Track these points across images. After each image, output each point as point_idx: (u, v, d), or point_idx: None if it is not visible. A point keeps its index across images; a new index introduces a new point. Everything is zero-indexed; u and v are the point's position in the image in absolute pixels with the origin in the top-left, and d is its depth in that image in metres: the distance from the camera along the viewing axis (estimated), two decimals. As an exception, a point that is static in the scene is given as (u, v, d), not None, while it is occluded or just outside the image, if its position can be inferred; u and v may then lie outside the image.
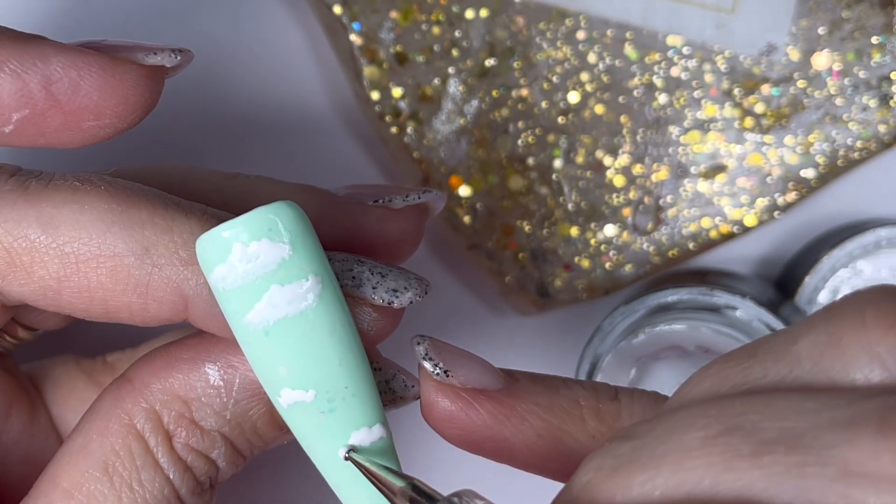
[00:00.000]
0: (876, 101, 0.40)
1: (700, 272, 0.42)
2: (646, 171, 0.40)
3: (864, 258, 0.40)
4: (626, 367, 0.37)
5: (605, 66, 0.40)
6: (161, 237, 0.27)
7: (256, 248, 0.25)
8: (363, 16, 0.40)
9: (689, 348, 0.37)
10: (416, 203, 0.31)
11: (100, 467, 0.27)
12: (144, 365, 0.28)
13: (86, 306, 0.27)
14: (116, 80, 0.28)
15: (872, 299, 0.23)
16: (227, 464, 0.29)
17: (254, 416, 0.28)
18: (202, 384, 0.28)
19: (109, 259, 0.27)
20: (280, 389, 0.26)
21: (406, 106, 0.40)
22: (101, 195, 0.27)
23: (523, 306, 0.41)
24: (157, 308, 0.27)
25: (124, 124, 0.28)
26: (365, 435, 0.27)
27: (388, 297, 0.28)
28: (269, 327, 0.26)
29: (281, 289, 0.26)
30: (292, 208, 0.26)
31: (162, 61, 0.28)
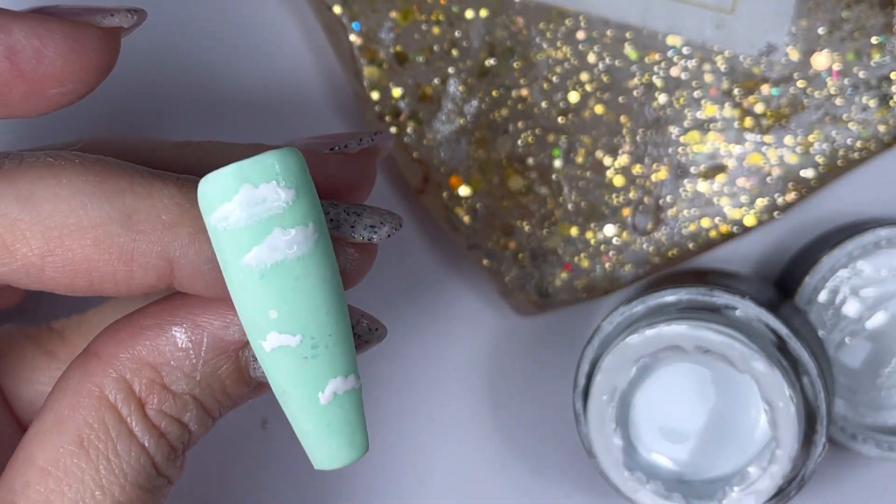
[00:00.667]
0: (876, 101, 0.40)
1: (700, 272, 0.42)
2: (645, 171, 0.40)
3: (863, 258, 0.40)
4: (626, 366, 0.37)
5: (605, 66, 0.40)
6: (142, 203, 0.27)
7: (264, 191, 0.26)
8: (363, 16, 0.40)
9: (688, 348, 0.37)
10: (369, 146, 0.33)
11: (75, 441, 0.28)
12: (108, 336, 0.28)
13: (69, 280, 0.27)
14: (79, 45, 0.27)
15: None
16: (199, 426, 0.29)
17: (223, 375, 0.28)
18: (170, 348, 0.28)
19: (93, 229, 0.26)
20: (267, 333, 0.27)
21: (406, 106, 0.40)
22: (76, 168, 0.27)
23: (523, 306, 0.41)
24: (142, 275, 0.27)
25: (86, 88, 0.28)
26: (341, 383, 0.28)
27: (367, 233, 0.29)
28: (266, 270, 0.26)
29: (283, 233, 0.26)
30: (297, 154, 0.26)
31: (120, 22, 0.29)
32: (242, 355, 0.29)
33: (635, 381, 0.38)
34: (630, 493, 0.38)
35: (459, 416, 0.43)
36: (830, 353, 0.41)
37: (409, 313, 0.43)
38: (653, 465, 0.39)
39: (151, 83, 0.41)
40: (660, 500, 0.38)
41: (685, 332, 0.37)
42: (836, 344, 0.41)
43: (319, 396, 0.27)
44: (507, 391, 0.43)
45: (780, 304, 0.40)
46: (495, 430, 0.43)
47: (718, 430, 0.38)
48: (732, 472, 0.38)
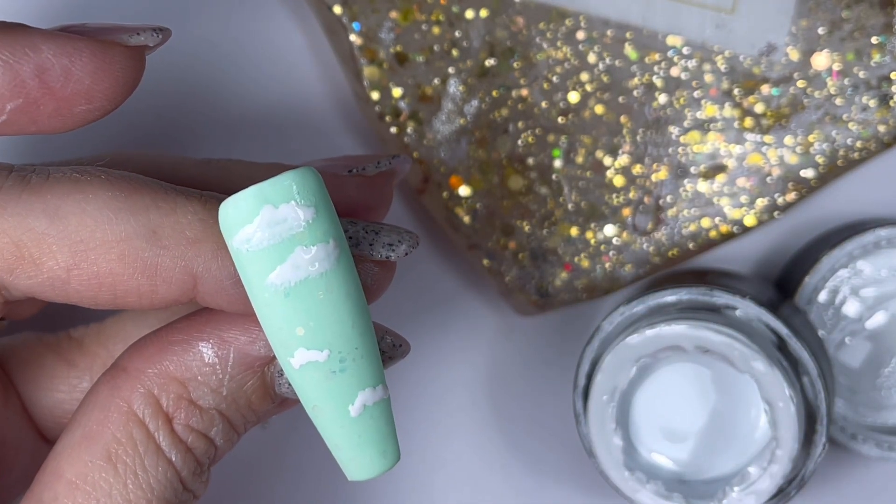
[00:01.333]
0: (876, 101, 0.40)
1: (700, 272, 0.42)
2: (645, 171, 0.40)
3: (863, 258, 0.40)
4: (626, 366, 0.37)
5: (605, 66, 0.40)
6: (167, 219, 0.27)
7: (285, 211, 0.26)
8: (363, 16, 0.40)
9: (688, 348, 0.37)
10: (386, 168, 0.33)
11: (103, 456, 0.28)
12: (137, 352, 0.29)
13: (94, 294, 0.27)
14: (106, 64, 0.28)
15: None
16: (224, 441, 0.29)
17: (248, 390, 0.29)
18: (197, 363, 0.28)
19: (118, 244, 0.27)
20: (294, 350, 0.27)
21: (406, 106, 0.40)
22: (102, 184, 0.27)
23: (523, 306, 0.41)
24: (166, 289, 0.27)
25: (112, 105, 0.29)
26: (370, 394, 0.28)
27: (385, 251, 0.29)
28: (291, 288, 0.27)
29: (305, 251, 0.27)
30: (315, 174, 0.27)
31: (145, 41, 0.29)
32: (268, 371, 0.29)
33: (635, 381, 0.38)
34: (630, 493, 0.38)
35: (459, 415, 0.43)
36: (830, 353, 0.41)
37: (409, 313, 0.43)
38: (653, 465, 0.39)
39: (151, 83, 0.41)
40: (660, 500, 0.38)
41: (685, 332, 0.37)
42: (836, 344, 0.41)
43: (350, 409, 0.28)
44: (508, 391, 0.43)
45: (781, 304, 0.40)
46: (495, 430, 0.43)
47: (718, 430, 0.38)
48: (732, 472, 0.38)
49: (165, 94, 0.41)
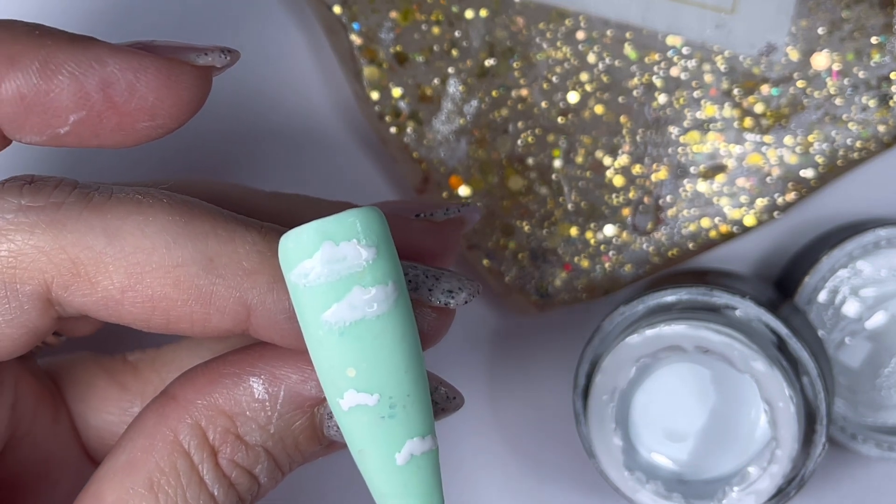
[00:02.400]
0: (875, 101, 0.40)
1: (699, 272, 0.42)
2: (645, 171, 0.40)
3: (863, 258, 0.40)
4: (626, 366, 0.37)
5: (605, 66, 0.40)
6: (224, 247, 0.27)
7: (346, 249, 0.26)
8: (363, 16, 0.40)
9: (688, 348, 0.37)
10: (455, 216, 0.33)
11: (145, 484, 0.28)
12: (188, 382, 0.29)
13: (147, 317, 0.27)
14: (172, 82, 0.28)
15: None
16: (268, 479, 0.29)
17: (296, 430, 0.28)
18: (247, 398, 0.28)
19: (174, 269, 0.27)
20: (344, 391, 0.27)
21: (406, 106, 0.40)
22: (164, 207, 0.27)
23: (523, 306, 0.41)
24: (219, 318, 0.27)
25: (176, 123, 0.28)
26: (419, 444, 0.27)
27: (444, 298, 0.29)
28: (345, 328, 0.26)
29: (363, 291, 0.26)
30: (379, 214, 0.26)
31: (213, 62, 0.29)
32: (318, 412, 0.28)
33: (635, 381, 0.38)
34: (630, 493, 0.38)
35: (459, 415, 0.43)
36: (830, 353, 0.41)
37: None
38: (653, 465, 0.39)
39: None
40: (660, 500, 0.38)
41: (685, 332, 0.37)
42: (835, 344, 0.41)
43: (396, 457, 0.27)
44: (507, 391, 0.43)
45: (780, 304, 0.40)
46: (495, 430, 0.43)
47: (718, 430, 0.38)
48: (732, 472, 0.38)
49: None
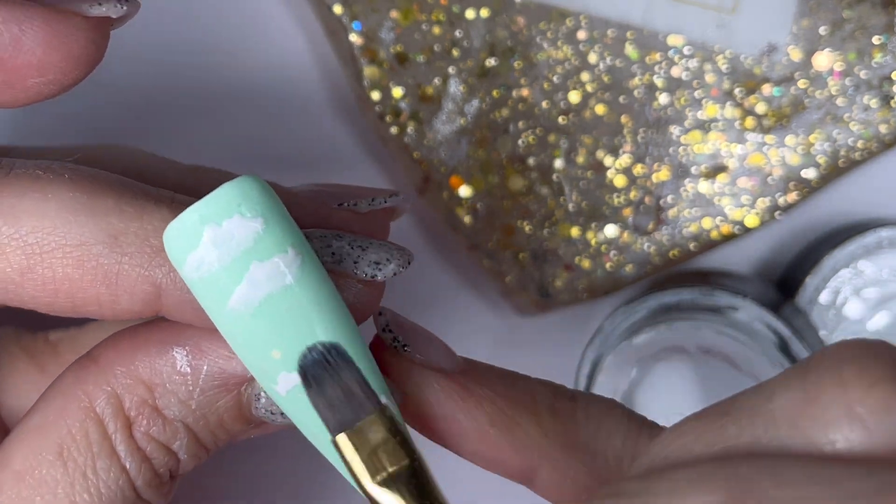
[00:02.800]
0: (877, 101, 0.40)
1: (701, 272, 0.42)
2: (646, 172, 0.40)
3: (865, 258, 0.40)
4: (627, 367, 0.37)
5: (606, 66, 0.40)
6: (130, 224, 0.25)
7: (229, 227, 0.24)
8: (363, 16, 0.40)
9: (689, 349, 0.37)
10: (381, 207, 0.30)
11: (54, 450, 0.26)
12: (111, 344, 0.27)
13: (51, 300, 0.26)
14: (61, 34, 0.26)
15: (850, 356, 0.23)
16: (189, 456, 0.27)
17: (220, 408, 0.27)
18: (168, 369, 0.26)
19: (76, 248, 0.25)
20: (276, 375, 0.25)
21: (406, 106, 0.40)
22: (64, 183, 0.25)
23: (524, 307, 0.41)
24: (127, 300, 0.26)
25: (69, 80, 0.27)
26: None
27: (370, 270, 0.27)
28: (256, 308, 0.24)
29: (261, 265, 0.24)
30: (257, 181, 0.25)
31: (107, 12, 0.27)
32: (245, 392, 0.27)
33: (636, 382, 0.38)
34: (631, 494, 0.38)
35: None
36: (832, 354, 0.41)
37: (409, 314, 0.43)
38: (654, 465, 0.39)
39: (150, 82, 0.41)
40: (661, 501, 0.38)
41: (686, 332, 0.37)
42: (837, 344, 0.41)
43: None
44: (508, 392, 0.43)
45: (782, 304, 0.39)
46: (496, 431, 0.43)
47: (720, 431, 0.38)
48: (734, 473, 0.38)
49: (165, 93, 0.41)
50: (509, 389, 0.28)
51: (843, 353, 0.23)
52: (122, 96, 0.41)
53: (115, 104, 0.41)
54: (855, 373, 0.22)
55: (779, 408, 0.23)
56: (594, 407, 0.28)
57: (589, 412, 0.28)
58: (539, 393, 0.28)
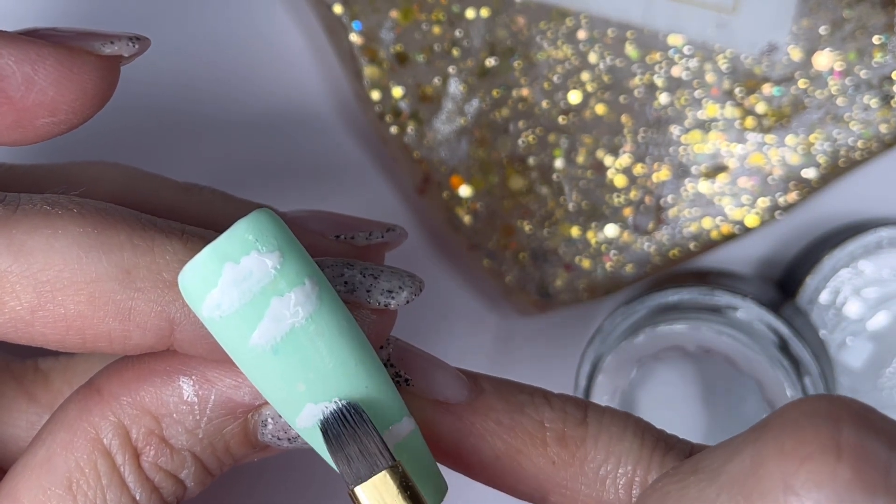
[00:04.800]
0: (877, 100, 0.40)
1: (701, 272, 0.42)
2: (647, 171, 0.40)
3: (865, 258, 0.40)
4: (627, 367, 0.37)
5: (606, 65, 0.40)
6: (142, 259, 0.25)
7: (248, 264, 0.24)
8: (363, 15, 0.40)
9: (690, 349, 0.37)
10: (377, 242, 0.30)
11: (63, 484, 0.26)
12: (115, 374, 0.27)
13: (60, 337, 0.25)
14: (73, 74, 0.26)
15: (795, 423, 0.23)
16: (195, 484, 0.27)
17: (227, 436, 0.27)
18: (175, 399, 0.26)
19: (88, 285, 0.25)
20: (301, 408, 0.25)
21: (406, 106, 0.40)
22: (74, 218, 0.25)
23: (524, 306, 0.41)
24: (140, 335, 0.25)
25: (79, 119, 0.26)
26: (396, 431, 0.26)
27: (384, 298, 0.27)
28: (278, 344, 0.24)
29: (281, 300, 0.24)
30: (271, 215, 0.25)
31: (119, 50, 0.27)
32: (251, 419, 0.27)
33: (637, 382, 0.38)
34: (631, 493, 0.38)
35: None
36: (832, 354, 0.41)
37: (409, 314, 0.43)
38: (654, 465, 0.39)
39: (150, 82, 0.41)
40: (661, 500, 0.38)
41: (687, 332, 0.37)
42: (837, 344, 0.41)
43: None
44: (508, 392, 0.43)
45: (782, 304, 0.39)
46: (496, 431, 0.43)
47: (720, 431, 0.38)
48: (734, 473, 0.38)
49: (165, 93, 0.41)
50: (516, 419, 0.28)
51: (792, 418, 0.23)
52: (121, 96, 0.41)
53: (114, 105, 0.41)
54: (794, 443, 0.22)
55: (730, 475, 0.23)
56: (605, 432, 0.28)
57: (599, 438, 0.28)
58: (548, 419, 0.28)
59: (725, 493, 0.23)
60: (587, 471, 0.27)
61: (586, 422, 0.28)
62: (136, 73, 0.41)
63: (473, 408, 0.28)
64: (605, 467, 0.27)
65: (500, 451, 0.27)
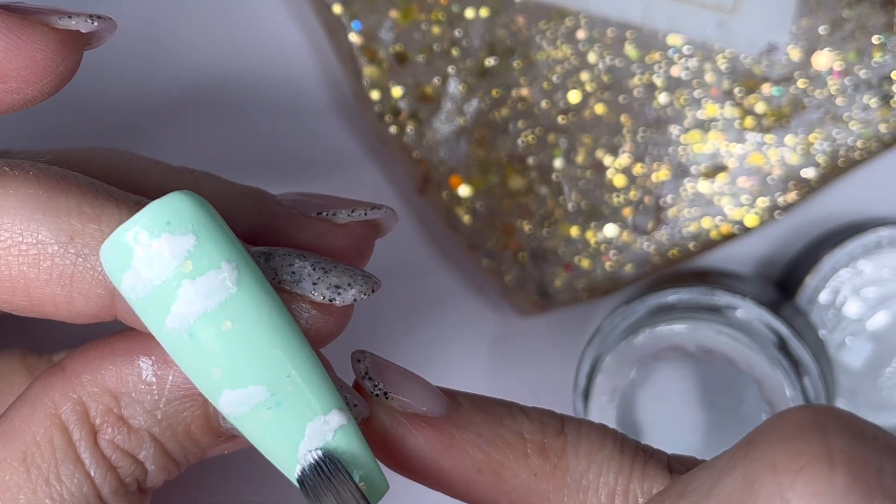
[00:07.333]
0: (877, 100, 0.40)
1: (701, 272, 0.42)
2: (646, 171, 0.40)
3: (864, 258, 0.40)
4: (627, 367, 0.37)
5: (606, 65, 0.40)
6: (87, 226, 0.25)
7: (158, 246, 0.24)
8: (363, 15, 0.40)
9: (689, 348, 0.37)
10: (361, 219, 0.29)
11: (18, 456, 0.26)
12: (79, 353, 0.27)
13: (8, 297, 0.26)
14: (21, 41, 0.26)
15: (784, 435, 0.23)
16: (158, 467, 0.27)
17: (187, 419, 0.26)
18: (134, 379, 0.26)
19: (31, 247, 0.25)
20: (219, 394, 0.25)
21: (406, 106, 0.40)
22: (28, 181, 0.25)
23: (523, 306, 0.41)
24: (83, 302, 0.25)
25: (34, 91, 0.26)
26: (320, 426, 0.25)
27: (329, 293, 0.26)
28: (192, 328, 0.24)
29: (193, 283, 0.24)
30: (189, 196, 0.24)
31: (76, 26, 0.26)
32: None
33: (636, 382, 0.38)
34: (631, 493, 0.38)
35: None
36: (831, 354, 0.41)
37: (409, 314, 0.43)
38: (653, 465, 0.39)
39: (150, 82, 0.41)
40: (661, 500, 0.38)
41: (686, 332, 0.37)
42: (837, 344, 0.41)
43: (301, 446, 0.25)
44: (508, 392, 0.43)
45: (781, 304, 0.39)
46: (495, 431, 0.43)
47: (719, 431, 0.38)
48: (733, 473, 0.38)
49: (166, 93, 0.41)
50: (496, 430, 0.27)
51: (779, 432, 0.23)
52: (117, 93, 0.41)
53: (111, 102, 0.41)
54: (785, 457, 0.22)
55: (723, 493, 0.23)
56: (585, 441, 0.28)
57: (579, 448, 0.27)
58: (527, 430, 0.28)
59: None
60: (569, 482, 0.27)
61: (564, 432, 0.28)
62: (135, 74, 0.41)
63: (452, 420, 0.27)
64: (586, 477, 0.27)
65: (482, 463, 0.27)
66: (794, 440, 0.23)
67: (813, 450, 0.22)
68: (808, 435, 0.23)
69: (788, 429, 0.23)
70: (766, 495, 0.22)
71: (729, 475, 0.23)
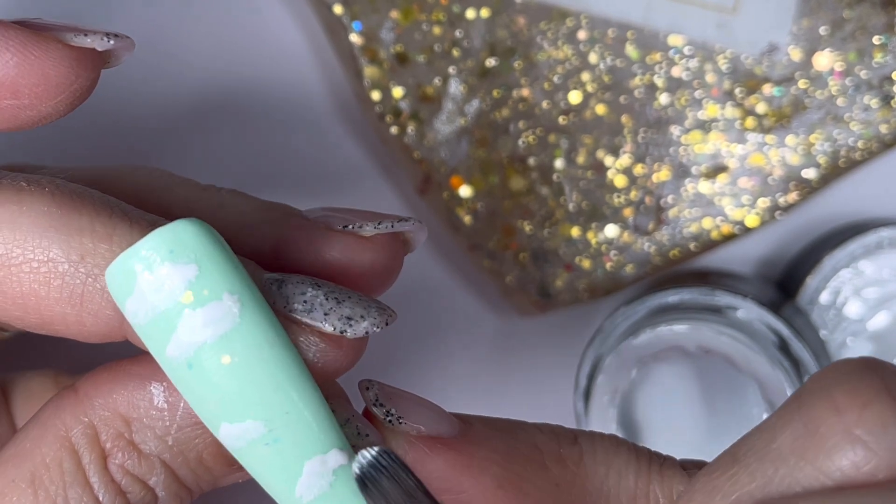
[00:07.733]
0: (877, 101, 0.40)
1: (701, 272, 0.42)
2: (647, 172, 0.40)
3: (865, 258, 0.40)
4: (628, 367, 0.37)
5: (607, 65, 0.40)
6: (98, 245, 0.25)
7: (160, 275, 0.24)
8: (364, 15, 0.40)
9: (690, 349, 0.37)
10: (388, 232, 0.29)
11: (27, 478, 0.26)
12: (92, 377, 0.27)
13: (21, 314, 0.25)
14: (34, 58, 0.26)
15: (839, 379, 0.23)
16: (169, 494, 0.27)
17: (199, 446, 0.26)
18: (145, 404, 0.26)
19: (42, 264, 0.25)
20: (218, 426, 0.24)
21: (407, 106, 0.40)
22: (43, 197, 0.25)
23: (524, 307, 0.41)
24: (92, 322, 0.25)
25: (47, 107, 0.26)
26: (318, 465, 0.24)
27: (340, 324, 0.25)
28: (191, 358, 0.24)
29: (193, 313, 0.24)
30: (193, 224, 0.24)
31: (91, 44, 0.26)
32: None
33: (637, 382, 0.38)
34: (631, 494, 0.38)
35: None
36: (832, 354, 0.41)
37: (409, 314, 0.43)
38: (654, 466, 0.38)
39: (149, 83, 0.41)
40: (661, 501, 0.38)
41: (687, 332, 0.37)
42: (837, 345, 0.41)
43: (298, 485, 0.24)
44: (508, 392, 0.43)
45: (782, 304, 0.39)
46: (496, 431, 0.43)
47: (720, 431, 0.38)
48: (734, 473, 0.38)
49: (166, 93, 0.41)
50: (511, 444, 0.27)
51: (833, 378, 0.23)
52: (117, 92, 0.41)
53: (110, 101, 0.41)
54: (847, 396, 0.23)
55: (784, 446, 0.23)
56: (600, 448, 0.27)
57: (596, 455, 0.27)
58: (541, 442, 0.27)
59: (783, 464, 0.23)
60: (590, 489, 0.27)
61: (578, 442, 0.27)
62: (135, 75, 0.41)
63: (468, 438, 0.27)
64: (606, 483, 0.27)
65: (502, 478, 0.27)
66: (850, 382, 0.23)
67: (873, 387, 0.23)
68: (863, 376, 0.23)
69: (841, 375, 0.23)
70: (833, 435, 0.22)
71: (787, 428, 0.23)
